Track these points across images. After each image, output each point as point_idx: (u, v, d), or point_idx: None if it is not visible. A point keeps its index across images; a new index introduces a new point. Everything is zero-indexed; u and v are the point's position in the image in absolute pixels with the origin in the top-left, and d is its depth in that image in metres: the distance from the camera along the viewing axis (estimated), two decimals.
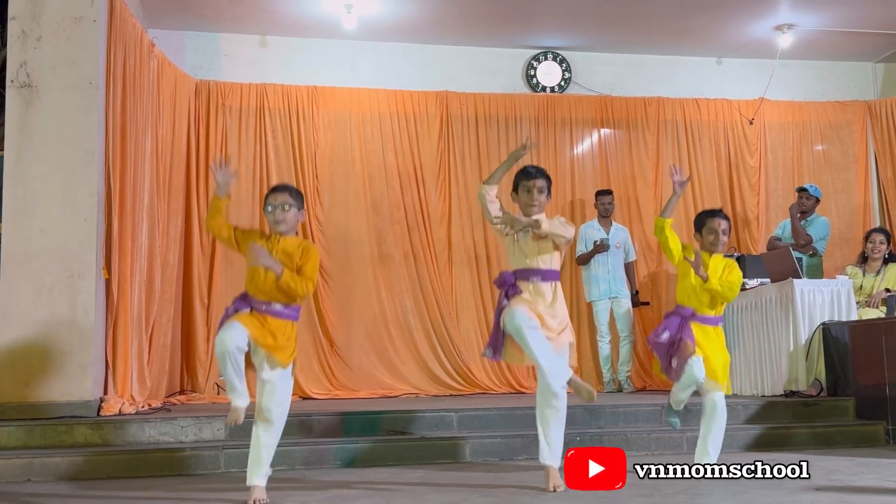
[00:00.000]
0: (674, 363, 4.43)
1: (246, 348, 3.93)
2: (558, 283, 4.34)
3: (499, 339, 4.28)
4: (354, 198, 8.22)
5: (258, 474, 3.99)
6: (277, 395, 4.02)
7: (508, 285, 4.28)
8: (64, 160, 5.80)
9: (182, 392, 7.47)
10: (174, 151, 7.40)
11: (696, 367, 4.37)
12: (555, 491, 4.05)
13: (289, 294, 4.02)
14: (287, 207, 4.12)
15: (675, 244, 4.54)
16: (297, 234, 4.32)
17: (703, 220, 4.66)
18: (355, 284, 8.14)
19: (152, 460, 4.95)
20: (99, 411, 5.62)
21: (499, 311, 4.28)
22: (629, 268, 8.22)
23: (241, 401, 3.95)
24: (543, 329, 4.16)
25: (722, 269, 4.53)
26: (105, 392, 5.86)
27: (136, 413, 5.78)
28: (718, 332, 4.59)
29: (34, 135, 5.81)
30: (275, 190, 4.23)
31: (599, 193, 8.24)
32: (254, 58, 8.27)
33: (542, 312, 4.19)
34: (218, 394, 7.47)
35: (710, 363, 4.44)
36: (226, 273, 7.81)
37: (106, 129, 6.00)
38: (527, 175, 4.37)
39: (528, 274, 4.28)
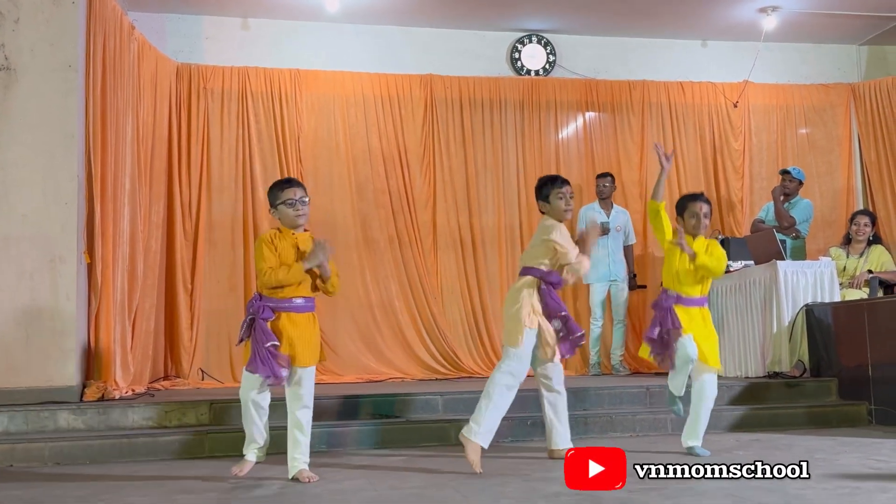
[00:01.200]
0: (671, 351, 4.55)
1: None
2: None
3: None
4: (339, 182, 8.18)
5: (302, 460, 4.10)
6: (309, 385, 4.17)
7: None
8: (44, 144, 5.74)
9: (166, 378, 7.43)
10: (155, 136, 7.33)
11: (688, 345, 4.48)
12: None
13: (332, 291, 4.30)
14: (307, 200, 4.12)
15: (668, 227, 4.68)
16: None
17: (685, 203, 4.76)
18: (340, 269, 7.86)
19: (136, 445, 4.93)
20: (82, 397, 5.61)
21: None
22: (628, 251, 8.20)
23: (252, 455, 4.12)
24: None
25: (705, 249, 4.65)
26: (88, 377, 5.83)
27: (120, 398, 5.75)
28: (704, 314, 4.68)
29: (13, 119, 5.76)
30: (290, 184, 4.16)
31: (598, 176, 8.22)
32: (236, 41, 8.19)
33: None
34: (202, 379, 7.45)
35: (696, 344, 4.52)
36: (209, 257, 7.78)
37: (86, 112, 5.94)
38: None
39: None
